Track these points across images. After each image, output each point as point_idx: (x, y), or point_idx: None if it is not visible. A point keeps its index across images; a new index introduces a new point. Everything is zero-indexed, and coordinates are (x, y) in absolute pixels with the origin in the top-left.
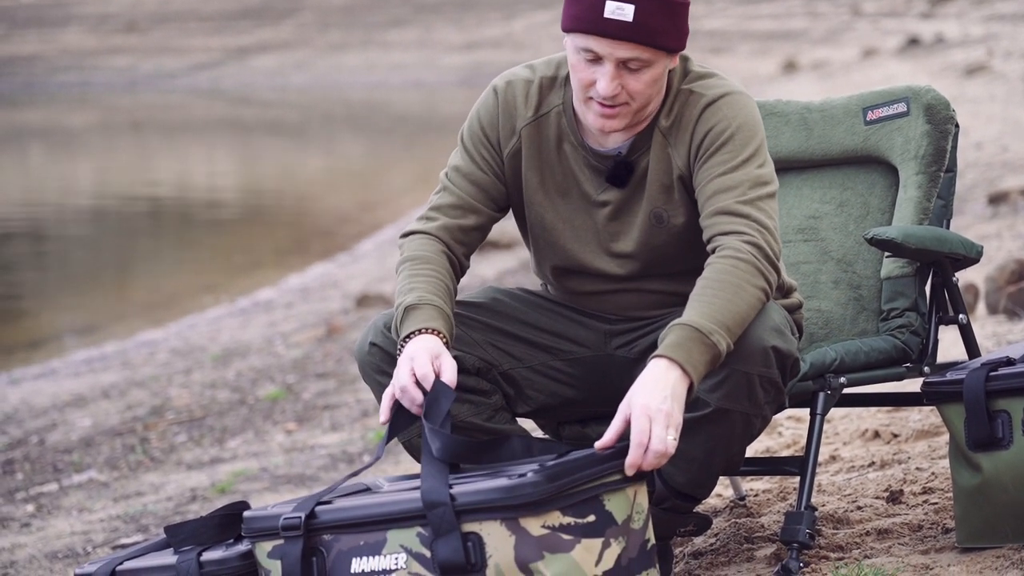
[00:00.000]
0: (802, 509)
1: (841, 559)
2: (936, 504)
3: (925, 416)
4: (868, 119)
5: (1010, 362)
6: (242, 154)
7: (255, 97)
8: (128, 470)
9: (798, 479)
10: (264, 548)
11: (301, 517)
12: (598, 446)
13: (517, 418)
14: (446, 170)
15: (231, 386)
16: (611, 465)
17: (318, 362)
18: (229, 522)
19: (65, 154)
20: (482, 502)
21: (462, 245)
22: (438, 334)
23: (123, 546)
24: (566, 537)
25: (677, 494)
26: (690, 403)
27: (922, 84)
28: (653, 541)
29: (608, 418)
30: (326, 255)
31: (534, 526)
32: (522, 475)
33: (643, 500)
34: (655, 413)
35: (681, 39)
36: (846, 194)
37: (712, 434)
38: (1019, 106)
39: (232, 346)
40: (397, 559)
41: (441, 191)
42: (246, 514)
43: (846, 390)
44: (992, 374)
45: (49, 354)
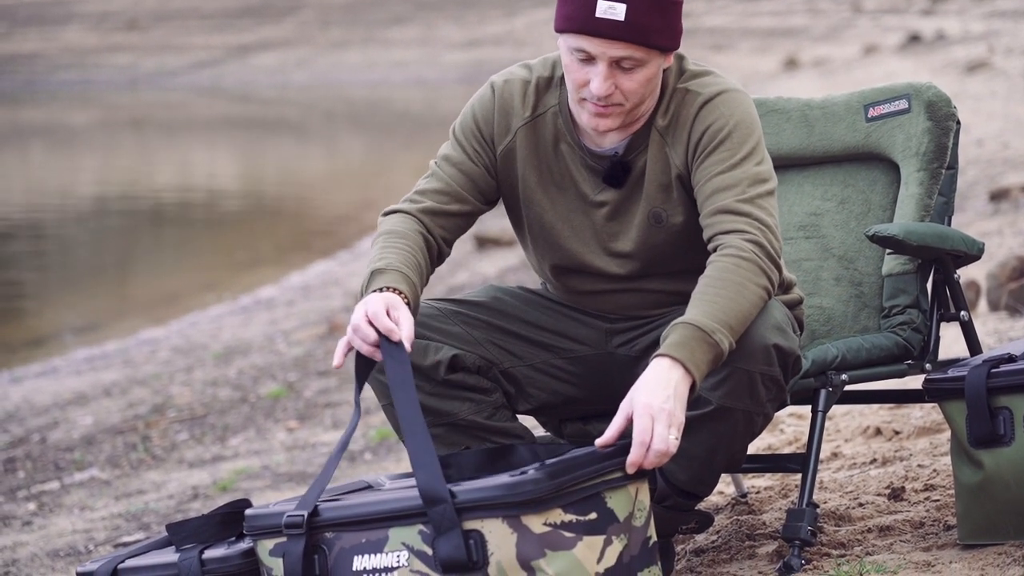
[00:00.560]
0: (804, 506)
1: (843, 556)
2: (938, 501)
3: (927, 413)
4: (869, 116)
5: (1011, 359)
6: (243, 152)
7: (256, 95)
8: (130, 468)
9: (800, 476)
10: (266, 546)
11: (304, 515)
12: (599, 443)
13: (518, 416)
14: (435, 159)
15: (233, 384)
16: (612, 463)
17: (319, 360)
18: (231, 520)
19: (66, 152)
20: (483, 500)
21: (443, 230)
22: (399, 293)
23: (125, 544)
24: (568, 534)
25: (679, 492)
26: (692, 401)
27: (923, 81)
28: (655, 538)
29: (610, 416)
30: (327, 253)
31: (536, 523)
32: (523, 472)
33: (645, 497)
34: (657, 412)
35: (674, 38)
36: (847, 191)
37: (714, 432)
38: (1020, 103)
39: (234, 344)
40: (399, 557)
41: (429, 176)
42: (248, 512)
43: (848, 387)
44: (993, 371)
45: (51, 352)
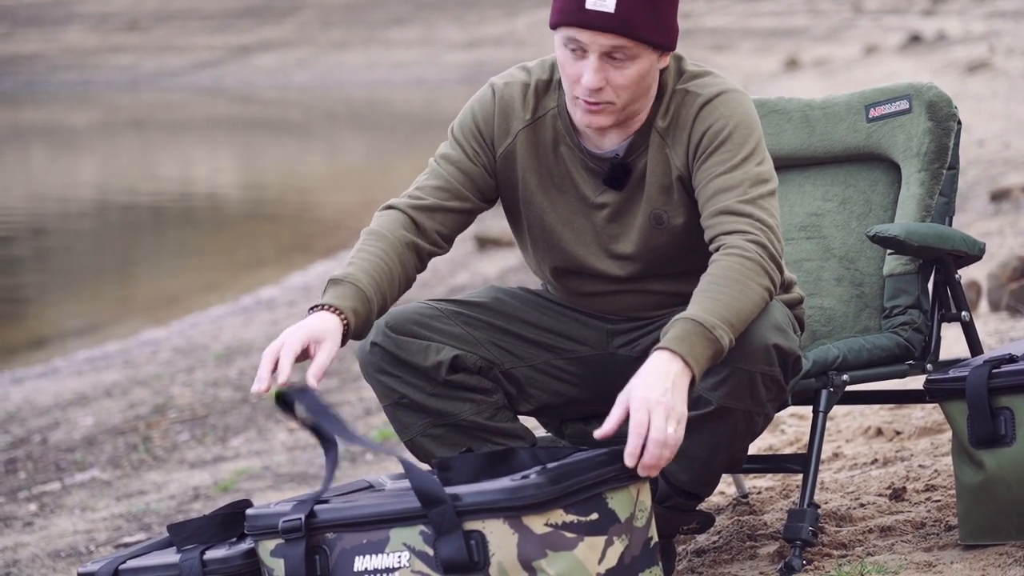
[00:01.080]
0: (805, 507)
1: (844, 556)
2: (939, 501)
3: (928, 413)
4: (870, 116)
5: (1013, 359)
6: (244, 152)
7: (257, 95)
8: (131, 469)
9: (801, 477)
10: (267, 546)
11: (302, 518)
12: (597, 435)
13: (519, 417)
14: (434, 157)
15: (234, 384)
16: (615, 468)
17: None
18: (232, 521)
19: (67, 153)
20: (485, 503)
21: (441, 226)
22: (339, 313)
23: (126, 545)
24: (569, 535)
25: (680, 492)
26: (692, 401)
27: (924, 81)
28: (656, 539)
29: None
30: (329, 253)
31: (537, 524)
32: (525, 476)
33: (646, 498)
34: (654, 404)
35: (667, 35)
36: (848, 191)
37: (714, 432)
38: (1021, 103)
39: (235, 344)
40: (400, 557)
41: (428, 173)
42: (249, 512)
43: (849, 387)
44: (995, 371)
45: (51, 353)
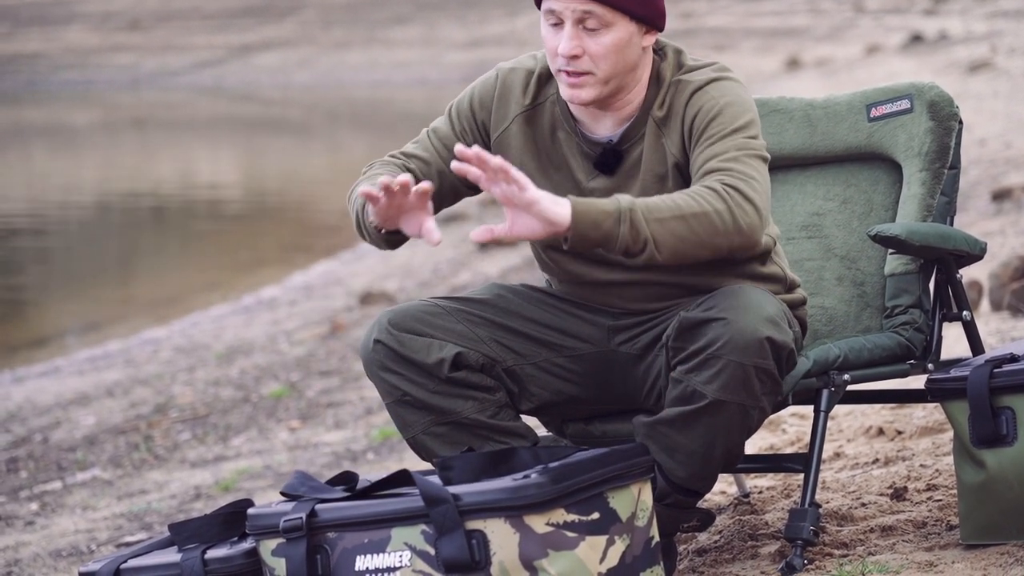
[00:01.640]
0: (806, 506)
1: (845, 556)
2: (940, 501)
3: (929, 413)
4: (872, 116)
5: (1014, 359)
6: (246, 152)
7: (258, 95)
8: (132, 468)
9: (802, 476)
10: (268, 546)
11: (303, 517)
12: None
13: (521, 415)
14: (427, 128)
15: (235, 384)
16: (616, 468)
17: (322, 360)
18: (233, 520)
19: (68, 152)
20: (486, 503)
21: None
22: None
23: (127, 544)
24: (570, 534)
25: (679, 489)
26: (687, 396)
27: (926, 81)
28: (657, 538)
29: (612, 416)
30: (330, 253)
31: (538, 523)
32: (526, 476)
33: (647, 497)
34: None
35: (645, 5)
36: (850, 191)
37: (710, 426)
38: (1022, 102)
39: (236, 344)
40: (401, 557)
41: (415, 144)
42: (250, 512)
43: (850, 387)
44: (996, 371)
45: (53, 352)
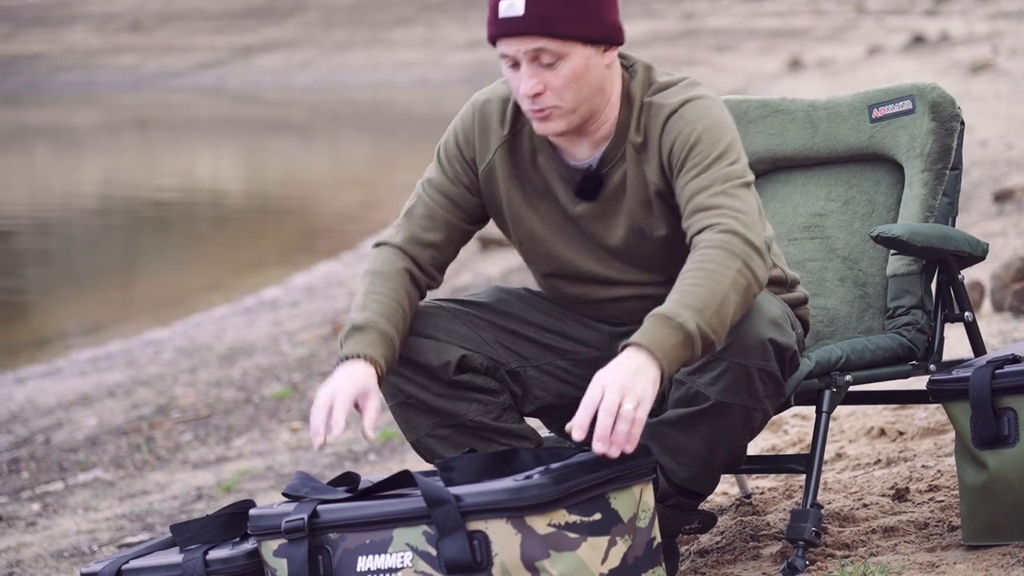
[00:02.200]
0: (808, 507)
1: (847, 557)
2: (942, 502)
3: (931, 414)
4: (873, 117)
5: (1016, 360)
6: (247, 153)
7: (260, 96)
8: (134, 469)
9: (804, 477)
10: (270, 547)
11: (304, 518)
12: (568, 427)
13: (525, 417)
14: (422, 180)
15: (237, 385)
16: (617, 469)
17: (323, 361)
18: (235, 521)
19: (70, 153)
20: (488, 503)
21: (432, 258)
22: (374, 363)
23: (129, 545)
24: (572, 535)
25: (680, 491)
26: (690, 398)
27: (927, 82)
28: (659, 539)
29: None
30: (332, 254)
31: (540, 524)
32: (528, 477)
33: (649, 498)
34: (611, 383)
35: (596, 27)
36: (851, 192)
37: (712, 428)
38: None
39: (238, 345)
40: (403, 557)
41: (415, 202)
42: (252, 512)
43: (852, 388)
44: (998, 372)
45: (55, 353)
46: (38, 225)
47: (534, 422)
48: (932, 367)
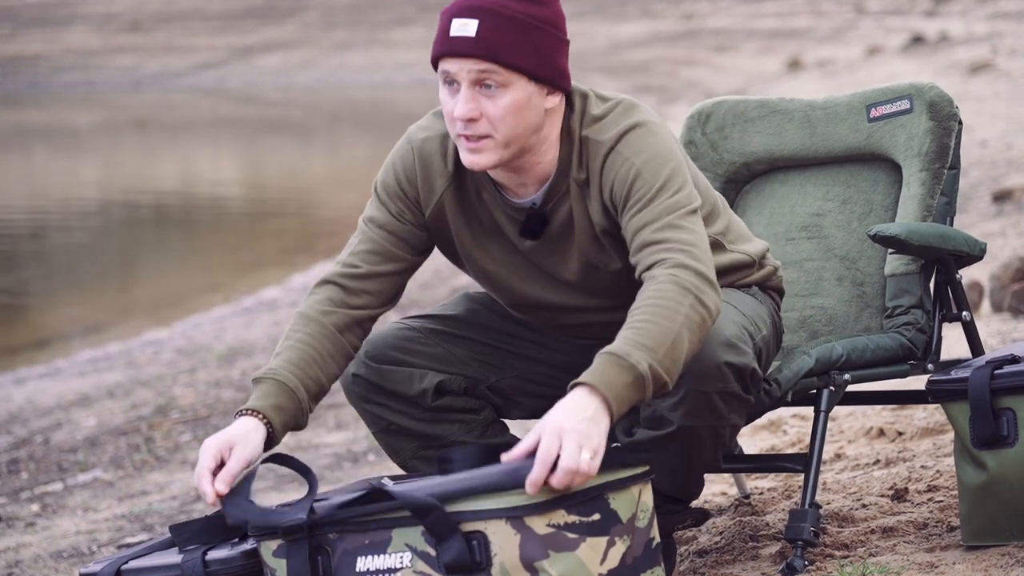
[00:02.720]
0: (807, 507)
1: (846, 557)
2: (941, 502)
3: (930, 414)
4: (872, 116)
5: (1015, 360)
6: (247, 153)
7: (260, 96)
8: (133, 469)
9: (802, 477)
10: (269, 547)
11: (304, 518)
12: (504, 457)
13: (516, 421)
14: (363, 217)
15: (236, 385)
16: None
17: None
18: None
19: (70, 154)
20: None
21: (379, 289)
22: (258, 415)
23: (128, 545)
24: (571, 536)
25: (667, 498)
26: (655, 421)
27: (926, 82)
28: (658, 539)
29: None
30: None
31: (539, 524)
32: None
33: (648, 499)
34: (568, 432)
35: (542, 66)
36: (849, 191)
37: (682, 447)
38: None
39: (237, 345)
40: (402, 558)
41: (359, 237)
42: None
43: (850, 388)
44: (997, 372)
45: (54, 354)
46: (37, 225)
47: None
48: (930, 367)
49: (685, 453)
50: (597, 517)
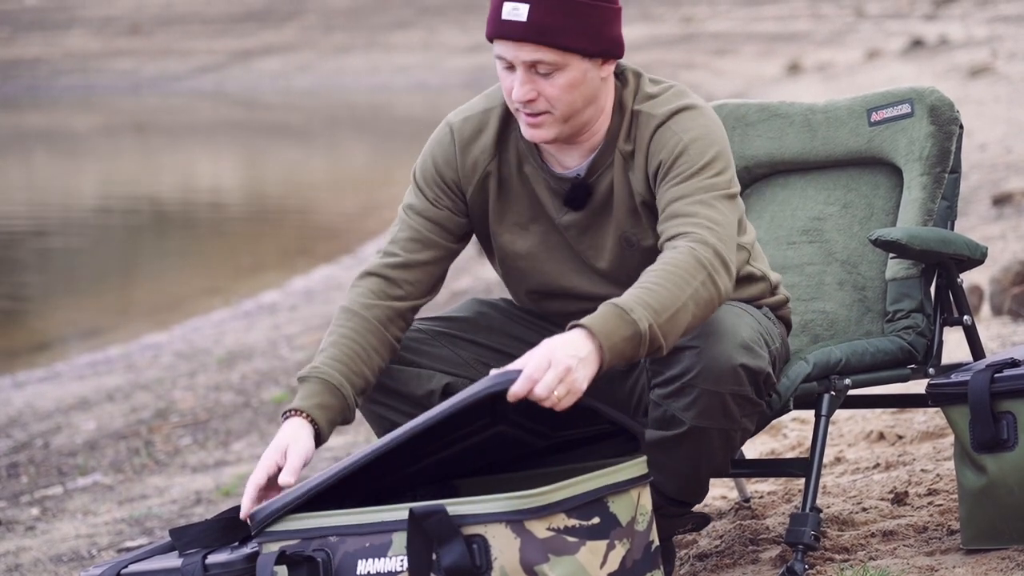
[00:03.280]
0: (807, 511)
1: (846, 561)
2: (941, 506)
3: (930, 418)
4: (872, 120)
5: (1015, 363)
6: (246, 157)
7: (259, 100)
8: (133, 473)
9: (803, 481)
10: (271, 549)
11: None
12: (492, 372)
13: None
14: (403, 205)
15: (235, 389)
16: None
17: None
18: (234, 525)
19: (69, 157)
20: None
21: (421, 278)
22: (304, 415)
23: (128, 549)
24: (571, 539)
25: (670, 501)
26: (666, 421)
27: (926, 85)
28: (657, 543)
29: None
30: (330, 258)
31: (539, 528)
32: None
33: (647, 502)
34: (555, 361)
35: (596, 41)
36: (850, 195)
37: (692, 449)
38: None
39: (236, 349)
40: (403, 561)
41: (399, 224)
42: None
43: (851, 391)
44: (997, 376)
45: (53, 357)
46: (37, 229)
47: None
48: (931, 371)
49: (694, 455)
50: (597, 521)
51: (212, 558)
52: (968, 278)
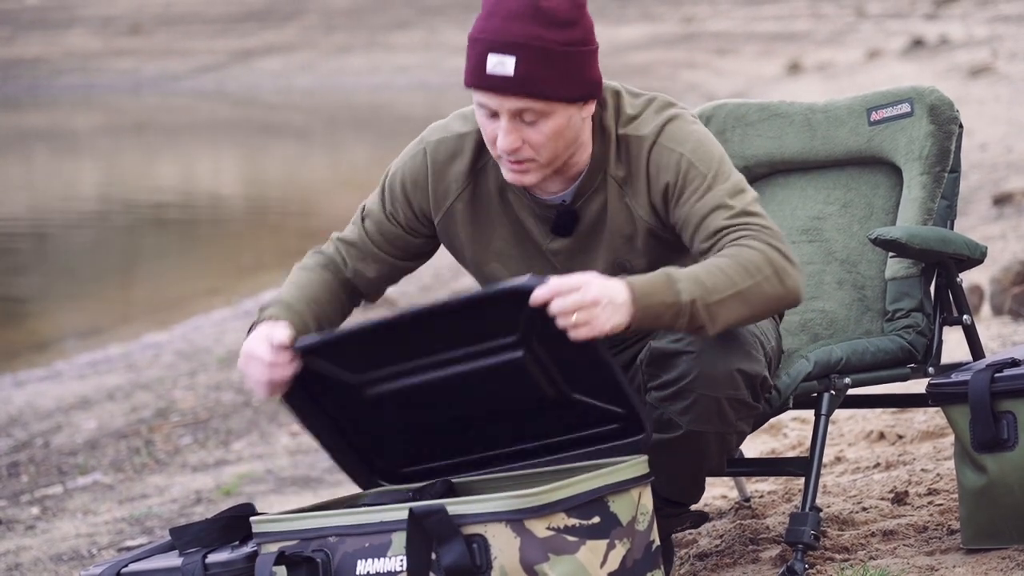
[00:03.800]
0: (807, 510)
1: (846, 560)
2: (941, 505)
3: (930, 417)
4: (872, 120)
5: (1015, 363)
6: (247, 156)
7: (260, 99)
8: (133, 472)
9: (803, 480)
10: (270, 550)
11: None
12: (529, 280)
13: None
14: (362, 205)
15: (236, 388)
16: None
17: None
18: (234, 524)
19: (69, 157)
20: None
21: (358, 284)
22: (279, 320)
23: (128, 548)
24: (571, 539)
25: (667, 502)
26: (663, 424)
27: (926, 85)
28: (658, 542)
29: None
30: None
31: (539, 528)
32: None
33: (647, 501)
34: (587, 289)
35: (580, 86)
36: (850, 195)
37: (688, 453)
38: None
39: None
40: (402, 561)
41: (351, 228)
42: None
43: (851, 391)
44: (997, 375)
45: (54, 356)
46: (37, 228)
47: None
48: (931, 370)
49: (691, 458)
50: (597, 520)
51: (212, 557)
52: (968, 278)
